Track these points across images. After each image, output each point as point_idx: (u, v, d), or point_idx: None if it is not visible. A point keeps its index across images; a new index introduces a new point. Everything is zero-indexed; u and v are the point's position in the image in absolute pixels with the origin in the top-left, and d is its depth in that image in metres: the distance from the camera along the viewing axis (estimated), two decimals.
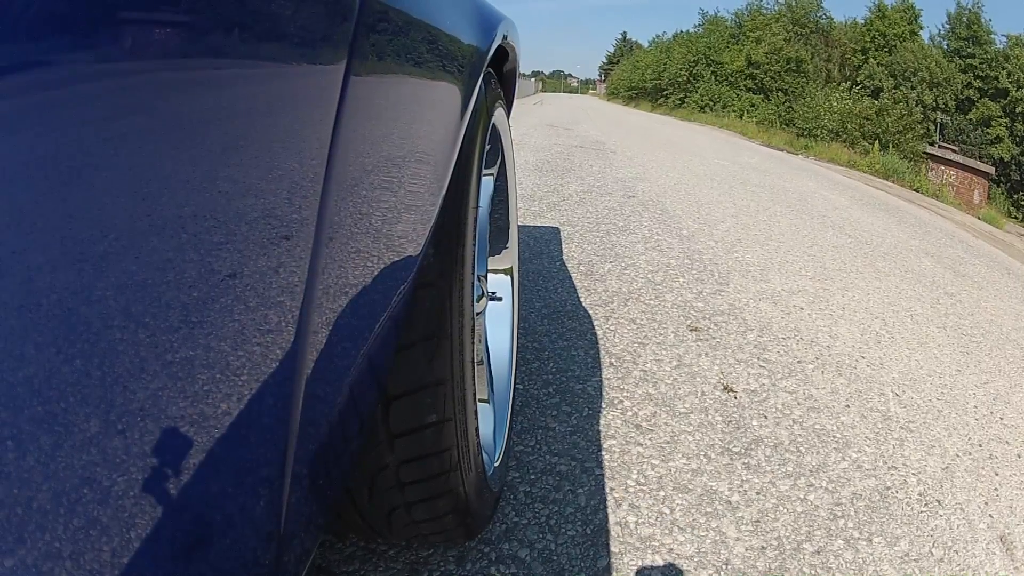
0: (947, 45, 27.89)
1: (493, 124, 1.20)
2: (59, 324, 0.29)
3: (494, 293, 1.45)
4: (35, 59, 0.27)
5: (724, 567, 1.20)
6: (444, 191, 0.78)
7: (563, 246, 3.18)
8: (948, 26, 28.28)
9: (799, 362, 2.15)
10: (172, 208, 0.35)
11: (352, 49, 0.51)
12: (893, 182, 14.45)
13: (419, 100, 0.72)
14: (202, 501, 0.41)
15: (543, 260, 2.92)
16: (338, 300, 0.55)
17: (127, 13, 0.32)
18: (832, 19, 31.04)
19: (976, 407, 2.20)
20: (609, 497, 1.34)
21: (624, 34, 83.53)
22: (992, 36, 26.92)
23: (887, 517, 1.44)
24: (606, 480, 1.39)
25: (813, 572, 1.22)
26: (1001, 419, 2.17)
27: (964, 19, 27.27)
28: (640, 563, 1.18)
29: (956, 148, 23.16)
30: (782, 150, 15.97)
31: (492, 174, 1.42)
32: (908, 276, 3.85)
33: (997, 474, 1.79)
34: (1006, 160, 24.82)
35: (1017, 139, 25.35)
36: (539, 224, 3.58)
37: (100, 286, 0.31)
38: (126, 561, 0.34)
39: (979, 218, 14.18)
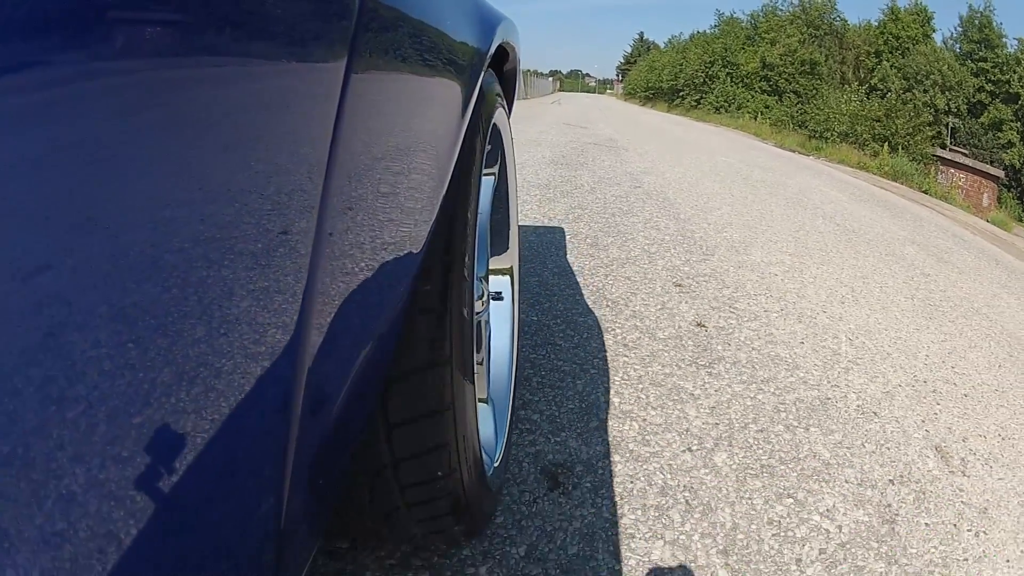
0: (959, 48, 28.04)
1: (493, 124, 1.21)
2: (60, 322, 0.29)
3: (496, 293, 1.50)
4: (34, 58, 0.27)
5: (685, 433, 1.62)
6: (444, 190, 0.79)
7: (573, 225, 3.59)
8: (960, 29, 28.45)
9: (765, 311, 2.57)
10: (173, 205, 0.35)
11: (352, 49, 0.52)
12: (902, 183, 14.69)
13: (419, 99, 0.73)
14: (203, 501, 0.41)
15: (555, 234, 3.34)
16: (339, 299, 0.55)
17: (130, 12, 0.32)
18: (846, 21, 31.22)
19: (928, 356, 2.57)
20: (599, 386, 1.77)
21: (641, 34, 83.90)
22: (1004, 40, 27.07)
23: (824, 416, 1.84)
24: (598, 377, 1.82)
25: (756, 442, 1.64)
26: (953, 368, 2.53)
27: (976, 22, 27.42)
28: (621, 426, 1.60)
29: (966, 152, 23.34)
30: (793, 151, 16.22)
31: (493, 174, 1.43)
32: (887, 258, 4.20)
33: (939, 404, 2.15)
34: (1017, 167, 24.88)
35: None
36: (553, 207, 4.00)
37: (101, 284, 0.31)
38: (126, 561, 0.34)
39: (988, 221, 14.37)
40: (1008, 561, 1.43)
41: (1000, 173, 22.52)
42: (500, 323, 1.50)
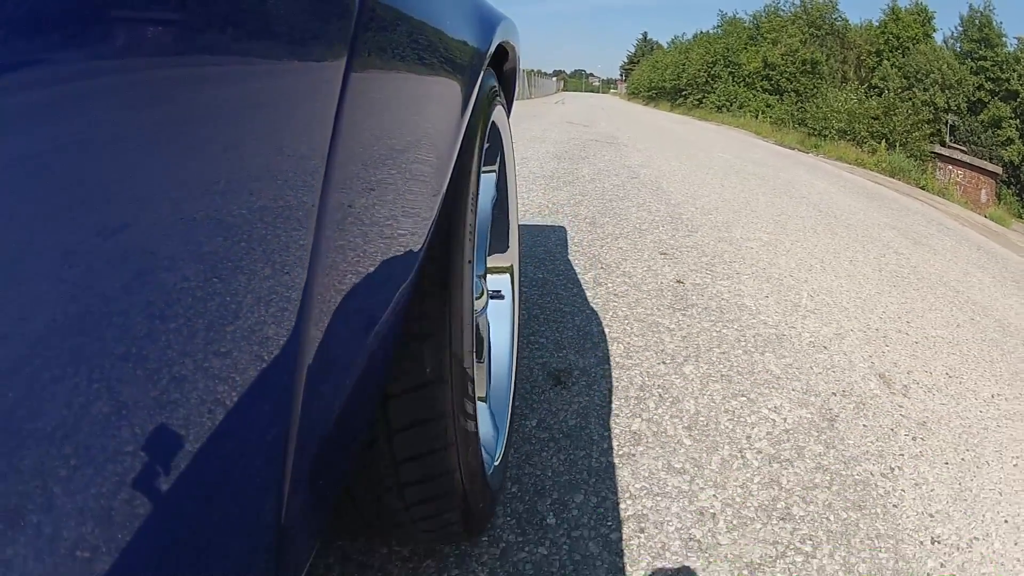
0: (959, 47, 28.29)
1: (493, 122, 1.22)
2: (59, 323, 0.29)
3: (495, 291, 1.52)
4: (32, 57, 0.27)
5: (661, 352, 2.04)
6: (444, 189, 0.79)
7: (574, 208, 4.01)
8: (961, 28, 28.70)
9: (737, 273, 2.99)
10: (172, 204, 0.36)
11: (352, 48, 0.52)
12: (899, 180, 14.95)
13: (419, 98, 0.74)
14: (202, 501, 0.42)
15: (558, 216, 3.75)
16: (339, 298, 0.56)
17: (129, 12, 0.32)
18: (847, 21, 31.44)
19: (884, 312, 2.94)
20: (593, 322, 2.19)
21: (645, 34, 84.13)
22: (1003, 39, 27.31)
23: (779, 347, 2.25)
24: (593, 315, 2.25)
25: (718, 360, 2.05)
26: (908, 322, 2.88)
27: (976, 21, 27.65)
28: (610, 346, 2.02)
29: (964, 149, 23.61)
30: (793, 148, 16.45)
31: (492, 172, 1.44)
32: (863, 239, 4.57)
33: (887, 346, 2.52)
34: (1016, 163, 25.04)
35: None
36: (556, 194, 4.41)
37: (100, 284, 0.32)
38: (127, 560, 0.34)
39: (986, 216, 14.56)
40: (947, 464, 1.78)
41: (998, 169, 22.75)
42: (500, 322, 1.52)
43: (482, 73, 1.01)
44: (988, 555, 1.48)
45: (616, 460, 1.50)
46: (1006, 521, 1.61)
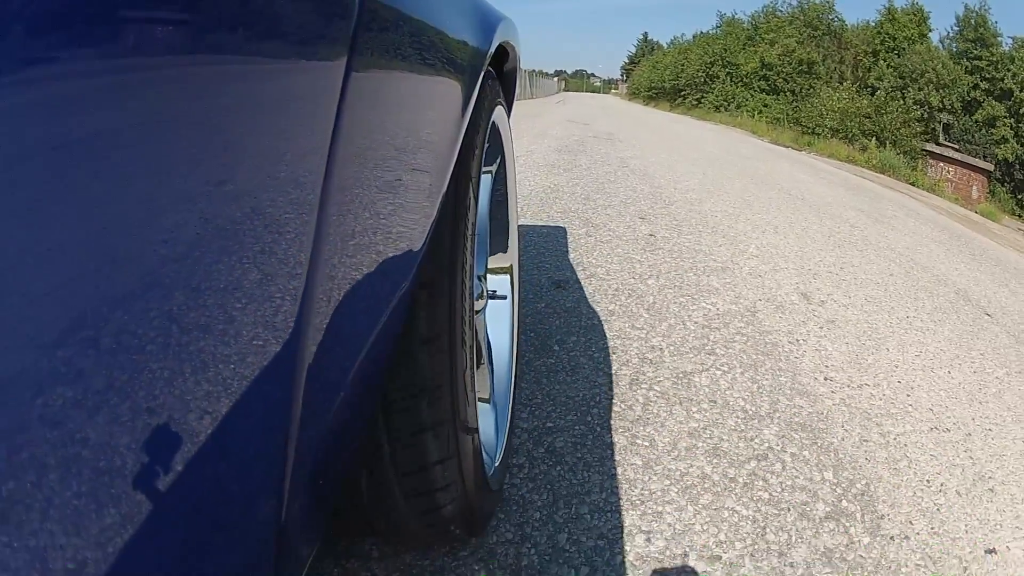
0: (955, 47, 28.79)
1: (493, 123, 1.23)
2: (59, 323, 0.30)
3: (494, 292, 1.52)
4: (32, 57, 0.27)
5: (632, 272, 2.87)
6: (444, 190, 0.80)
7: (571, 188, 4.82)
8: (957, 28, 29.20)
9: (699, 231, 3.82)
10: (172, 204, 0.36)
11: (353, 48, 0.53)
12: (888, 176, 15.33)
13: (419, 99, 0.75)
14: (203, 501, 0.43)
15: (559, 193, 4.57)
16: (338, 298, 0.56)
17: (129, 11, 0.32)
18: (844, 22, 31.88)
19: (820, 261, 3.65)
20: (583, 256, 3.03)
21: (645, 35, 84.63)
22: (998, 38, 27.78)
23: (723, 273, 3.06)
24: (584, 253, 3.09)
25: (673, 277, 2.87)
26: (841, 268, 3.58)
27: (972, 21, 28.11)
28: (595, 269, 2.85)
29: (957, 147, 24.17)
30: (787, 147, 16.86)
31: (492, 172, 1.44)
32: (823, 216, 5.29)
33: (815, 279, 3.26)
34: (1010, 161, 25.46)
35: (1022, 140, 25.99)
36: (556, 179, 5.23)
37: (100, 284, 0.32)
38: (127, 560, 0.35)
39: (976, 212, 14.91)
40: (847, 344, 2.50)
41: (989, 166, 23.26)
42: (500, 322, 1.55)
43: (482, 73, 1.02)
44: (876, 394, 2.07)
45: (596, 323, 2.32)
46: (899, 382, 2.23)
